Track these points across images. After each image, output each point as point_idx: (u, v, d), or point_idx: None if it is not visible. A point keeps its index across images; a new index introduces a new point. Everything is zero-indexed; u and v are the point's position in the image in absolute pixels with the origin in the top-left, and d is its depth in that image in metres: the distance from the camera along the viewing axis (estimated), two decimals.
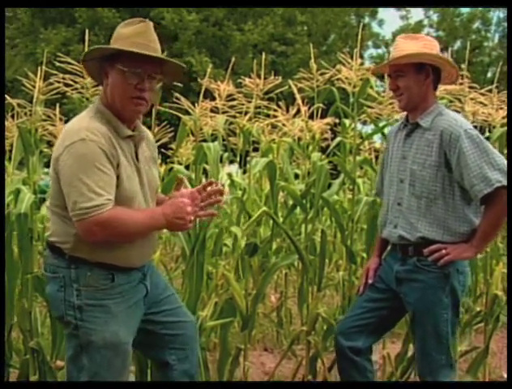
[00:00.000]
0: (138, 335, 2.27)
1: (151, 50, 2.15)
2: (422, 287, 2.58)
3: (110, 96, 2.18)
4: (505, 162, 2.52)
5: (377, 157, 4.83)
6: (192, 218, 2.17)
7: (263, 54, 3.57)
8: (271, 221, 3.61)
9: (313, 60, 3.64)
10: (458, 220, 2.57)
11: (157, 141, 3.35)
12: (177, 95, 3.18)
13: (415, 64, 2.59)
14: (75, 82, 3.12)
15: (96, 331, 2.13)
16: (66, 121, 3.38)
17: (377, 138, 5.06)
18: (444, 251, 2.54)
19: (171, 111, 3.27)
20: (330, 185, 3.63)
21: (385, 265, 2.78)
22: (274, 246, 3.87)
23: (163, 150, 4.43)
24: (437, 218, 2.57)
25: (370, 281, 2.79)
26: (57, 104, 3.39)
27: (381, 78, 2.74)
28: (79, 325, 2.13)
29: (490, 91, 3.74)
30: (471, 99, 3.68)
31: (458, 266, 2.58)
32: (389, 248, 2.81)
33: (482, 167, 2.47)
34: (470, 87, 3.66)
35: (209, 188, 2.27)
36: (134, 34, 2.15)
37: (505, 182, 2.46)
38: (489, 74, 25.65)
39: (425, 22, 28.78)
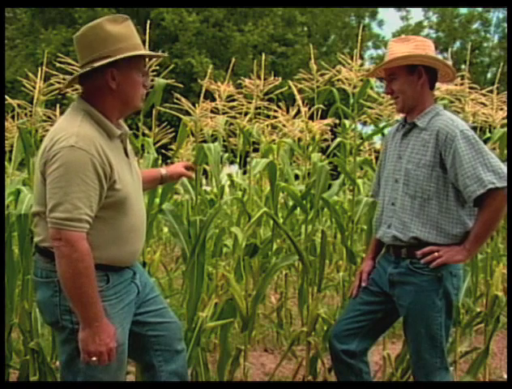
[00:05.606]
0: None
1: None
2: (415, 290, 2.55)
3: (121, 94, 2.15)
4: (500, 164, 2.49)
5: (377, 158, 4.81)
6: (94, 358, 2.05)
7: (263, 55, 3.56)
8: (272, 222, 3.61)
9: (313, 61, 3.64)
10: (451, 222, 2.54)
11: (157, 142, 3.36)
12: (177, 95, 3.18)
13: (406, 66, 2.57)
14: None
15: None
16: None
17: (377, 138, 5.06)
18: (436, 254, 2.51)
19: (171, 112, 3.27)
20: (330, 186, 3.62)
21: (378, 267, 2.76)
22: (274, 247, 3.86)
23: (163, 151, 4.43)
24: (430, 218, 2.54)
25: (364, 284, 2.76)
26: (58, 105, 3.39)
27: (381, 79, 2.73)
28: (76, 329, 2.07)
29: (490, 91, 3.73)
30: (472, 99, 3.68)
31: (452, 268, 2.55)
32: (383, 251, 2.79)
33: (476, 168, 2.44)
34: (470, 88, 3.65)
35: None
36: (133, 34, 2.16)
37: (498, 184, 2.42)
38: (489, 75, 25.69)
39: (425, 23, 28.85)
